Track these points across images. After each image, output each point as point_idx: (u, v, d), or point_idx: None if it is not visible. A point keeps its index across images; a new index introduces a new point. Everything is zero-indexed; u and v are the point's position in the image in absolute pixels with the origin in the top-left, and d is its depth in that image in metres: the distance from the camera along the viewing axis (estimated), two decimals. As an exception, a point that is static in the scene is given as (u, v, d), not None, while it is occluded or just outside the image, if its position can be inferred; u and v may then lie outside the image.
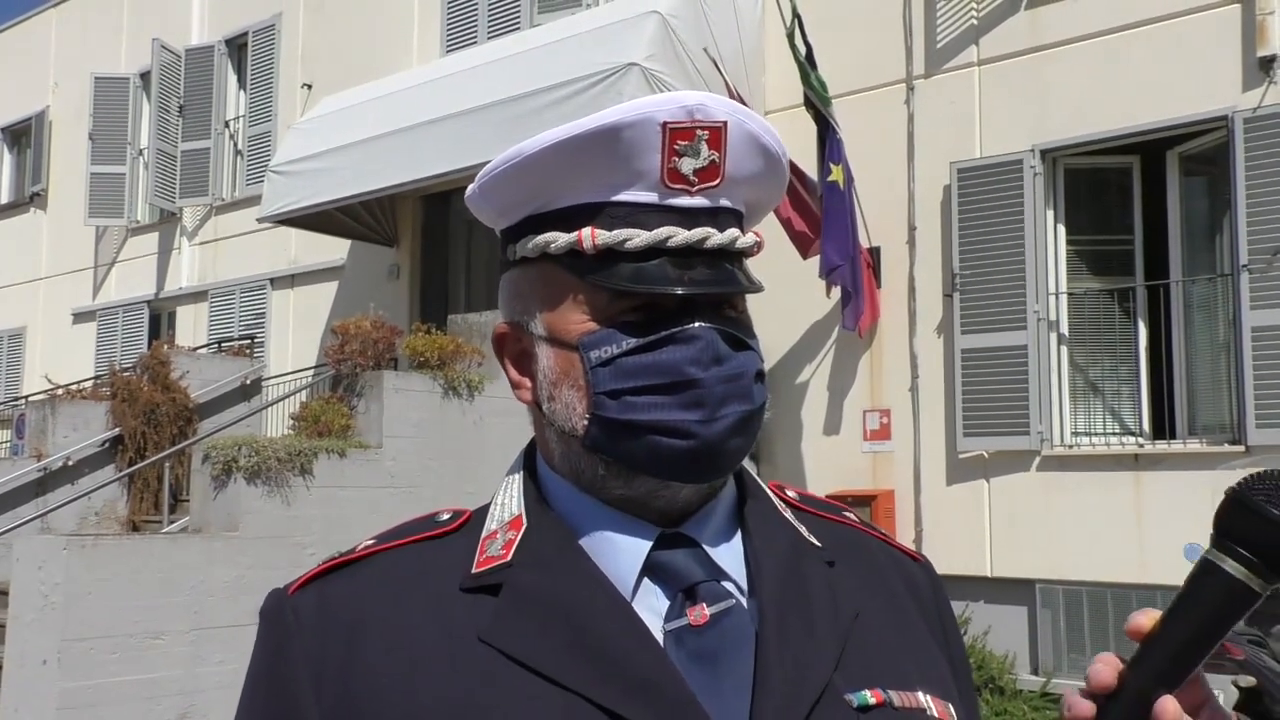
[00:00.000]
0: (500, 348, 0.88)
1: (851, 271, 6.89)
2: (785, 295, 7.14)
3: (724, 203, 0.82)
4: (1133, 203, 6.95)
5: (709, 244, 0.81)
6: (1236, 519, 0.65)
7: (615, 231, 0.79)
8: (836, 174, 6.87)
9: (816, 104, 6.97)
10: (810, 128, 6.97)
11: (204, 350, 10.40)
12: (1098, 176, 7.08)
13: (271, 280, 11.02)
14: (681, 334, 0.80)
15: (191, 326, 11.79)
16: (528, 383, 0.86)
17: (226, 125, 11.84)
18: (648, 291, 0.79)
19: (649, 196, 0.80)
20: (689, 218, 0.81)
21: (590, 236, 0.80)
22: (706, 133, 0.79)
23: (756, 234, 0.86)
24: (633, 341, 0.80)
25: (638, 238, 0.79)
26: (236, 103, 11.89)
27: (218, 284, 11.61)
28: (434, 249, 9.96)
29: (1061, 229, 6.98)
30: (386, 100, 8.83)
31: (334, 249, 10.30)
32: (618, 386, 0.80)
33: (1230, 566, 0.65)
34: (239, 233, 11.34)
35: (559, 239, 0.81)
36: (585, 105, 7.05)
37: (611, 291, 0.80)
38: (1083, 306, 6.97)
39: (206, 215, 11.91)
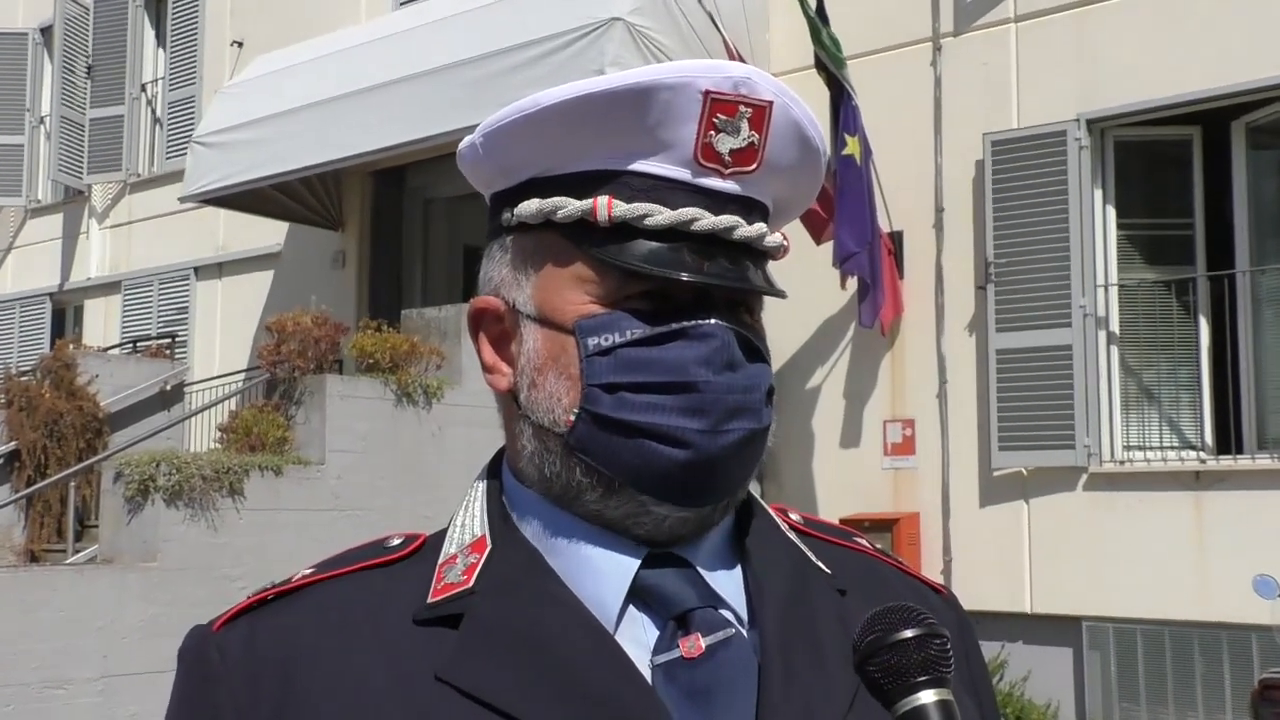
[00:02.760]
0: (477, 324, 0.89)
1: (869, 260, 6.92)
2: (793, 286, 7.11)
3: (754, 193, 0.84)
4: (1192, 180, 6.99)
5: (736, 235, 0.82)
6: (882, 665, 0.74)
7: (634, 205, 0.81)
8: (852, 146, 6.89)
9: (829, 66, 6.99)
10: (822, 93, 6.99)
11: (116, 351, 10.35)
12: (1153, 150, 7.12)
13: (196, 269, 10.98)
14: (694, 330, 0.81)
15: (102, 323, 11.73)
16: (505, 368, 0.87)
17: (143, 89, 11.78)
18: (665, 276, 0.81)
19: (677, 172, 0.82)
20: (716, 203, 0.82)
21: (607, 206, 0.81)
22: (750, 110, 0.81)
23: (784, 235, 0.88)
24: (640, 330, 0.81)
25: (659, 215, 0.81)
26: (155, 63, 11.83)
27: (133, 274, 11.55)
28: (385, 233, 9.94)
29: (1111, 211, 7.03)
30: (330, 60, 8.81)
31: (269, 233, 10.27)
32: (615, 380, 0.81)
33: (927, 698, 0.73)
34: (158, 214, 11.29)
35: (568, 205, 0.82)
36: (561, 66, 7.05)
37: (622, 271, 0.81)
38: (1136, 300, 7.01)
39: (119, 193, 11.85)
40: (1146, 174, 7.14)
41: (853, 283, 7.19)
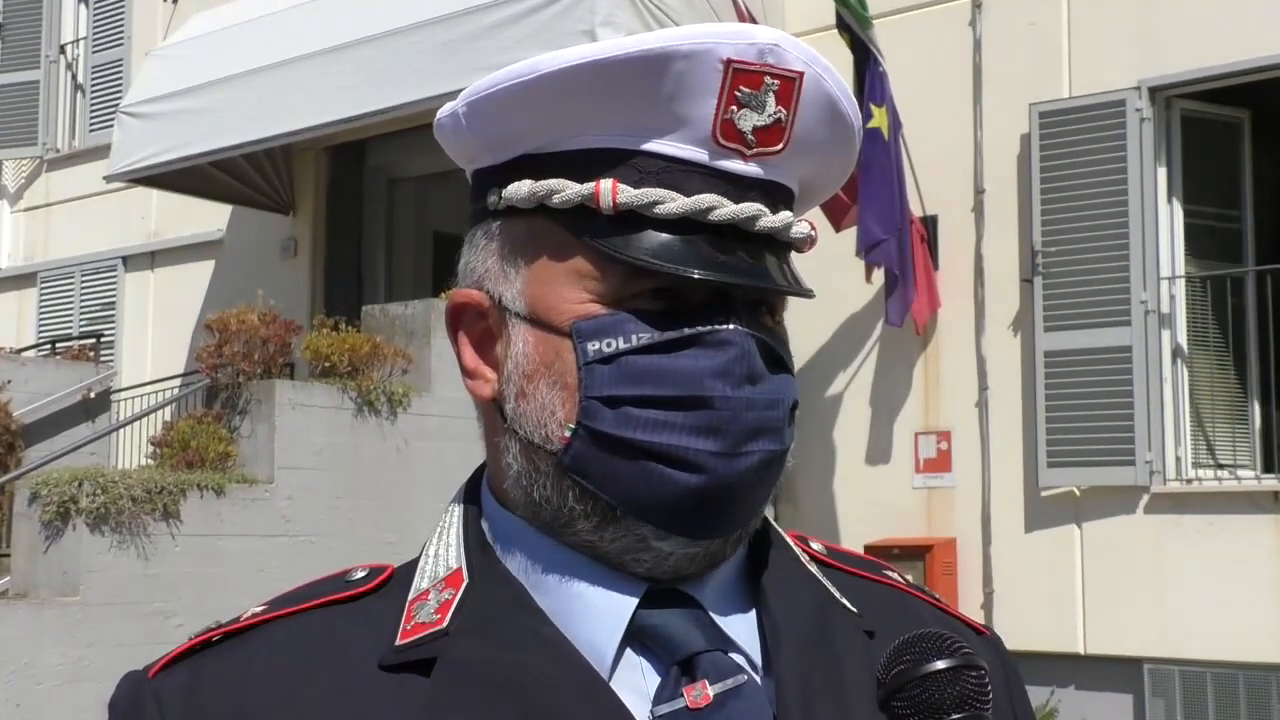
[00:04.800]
0: (456, 321, 0.89)
1: (899, 249, 6.93)
2: (812, 279, 7.11)
3: (779, 177, 0.85)
4: (1255, 161, 7.01)
5: (759, 226, 0.83)
6: (911, 700, 0.76)
7: (643, 190, 0.81)
8: (879, 118, 6.90)
9: (853, 26, 7.01)
10: (845, 58, 7.00)
11: (32, 353, 10.33)
12: (1225, 125, 7.14)
13: (125, 259, 10.96)
14: (710, 337, 0.81)
15: (15, 320, 11.70)
16: (489, 373, 0.88)
17: (62, 50, 11.76)
18: (678, 273, 0.81)
19: (693, 153, 0.82)
20: (737, 188, 0.83)
21: (611, 192, 0.81)
22: (777, 83, 0.82)
23: (812, 225, 0.88)
24: (647, 335, 0.81)
25: (672, 202, 0.81)
26: (76, 21, 11.82)
27: (50, 264, 11.53)
28: (343, 218, 9.93)
29: (1177, 193, 7.04)
30: (279, 19, 8.81)
31: (209, 218, 10.26)
32: (618, 392, 0.81)
33: None
34: (79, 195, 11.27)
35: (568, 189, 0.83)
36: (545, 27, 7.06)
37: (629, 266, 0.82)
38: (1205, 296, 7.02)
39: (35, 171, 11.83)
40: (1217, 151, 7.15)
41: (879, 275, 7.20)
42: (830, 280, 7.28)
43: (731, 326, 0.82)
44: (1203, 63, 6.80)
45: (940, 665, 0.75)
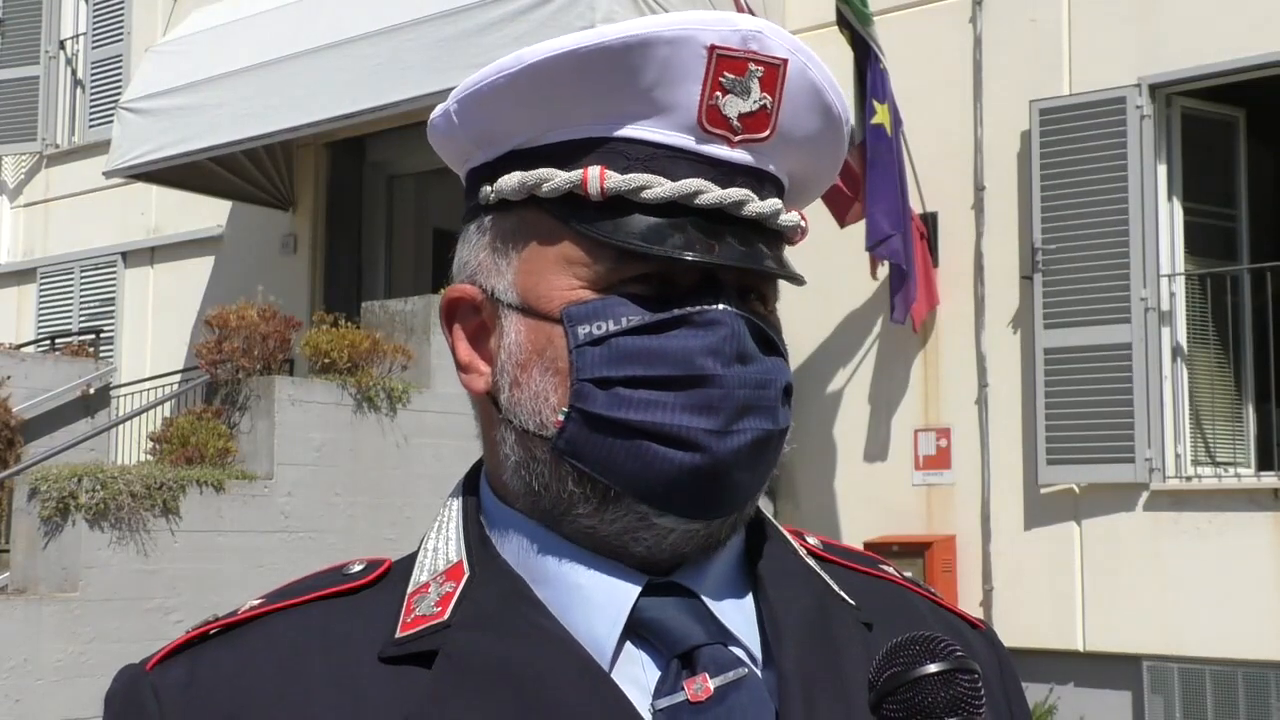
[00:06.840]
0: (451, 316, 0.90)
1: (904, 245, 6.93)
2: (811, 276, 7.13)
3: (767, 165, 0.86)
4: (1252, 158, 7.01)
5: (746, 211, 0.83)
6: (903, 704, 0.75)
7: (630, 176, 0.82)
8: (882, 115, 6.90)
9: (854, 23, 7.01)
10: (845, 55, 7.00)
11: (31, 349, 10.33)
12: (1224, 122, 7.14)
13: (124, 255, 10.96)
14: (700, 316, 0.82)
15: (14, 316, 11.71)
16: (483, 366, 0.88)
17: (61, 46, 11.76)
18: (666, 256, 0.81)
19: (679, 139, 0.83)
20: (724, 174, 0.83)
21: (599, 178, 0.82)
22: (761, 69, 0.82)
23: (802, 215, 0.89)
24: (637, 317, 0.82)
25: (659, 187, 0.82)
26: (76, 16, 11.82)
27: (50, 260, 11.53)
28: (343, 214, 9.94)
29: (1177, 190, 7.04)
30: (279, 15, 8.81)
31: (209, 214, 10.26)
32: (609, 374, 0.81)
33: None
34: (79, 191, 11.28)
35: (555, 177, 0.83)
36: (544, 23, 7.06)
37: (618, 251, 0.82)
38: (1205, 293, 7.02)
39: (35, 167, 11.83)
40: (1213, 149, 7.15)
41: (883, 271, 7.20)
42: (830, 277, 7.29)
43: (721, 306, 0.82)
44: (1203, 60, 6.80)
45: (933, 669, 0.74)
